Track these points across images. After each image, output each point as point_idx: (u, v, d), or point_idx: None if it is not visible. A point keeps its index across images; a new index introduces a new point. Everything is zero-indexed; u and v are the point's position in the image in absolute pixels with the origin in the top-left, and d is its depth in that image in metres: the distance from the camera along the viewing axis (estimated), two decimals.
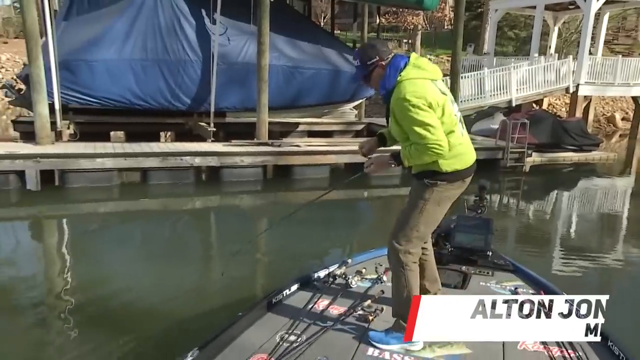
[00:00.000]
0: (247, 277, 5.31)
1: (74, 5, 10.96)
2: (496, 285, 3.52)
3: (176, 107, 10.54)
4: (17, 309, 4.47)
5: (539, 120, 12.86)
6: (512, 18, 23.10)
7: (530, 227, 8.43)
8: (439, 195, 2.65)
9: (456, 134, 2.60)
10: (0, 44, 25.15)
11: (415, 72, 2.55)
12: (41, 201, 7.96)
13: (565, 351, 2.61)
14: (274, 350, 2.55)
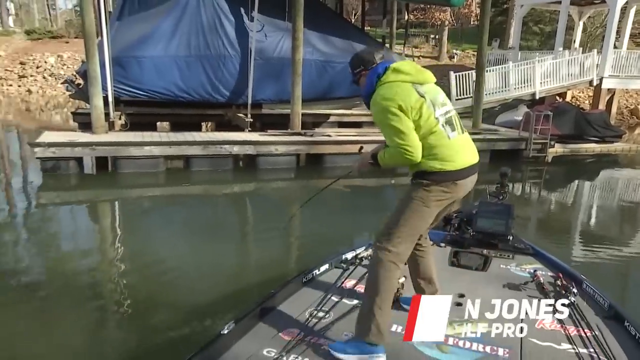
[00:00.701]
0: (281, 257, 5.38)
1: (126, 6, 11.21)
2: (516, 268, 3.46)
3: (216, 99, 10.63)
4: (75, 280, 4.64)
5: (562, 112, 12.58)
6: (537, 13, 22.43)
7: (551, 214, 8.26)
8: (425, 195, 2.45)
9: (438, 134, 2.42)
10: (63, 43, 25.85)
11: (393, 76, 2.46)
12: (96, 185, 8.26)
13: (582, 330, 2.57)
14: (304, 325, 2.58)
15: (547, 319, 2.68)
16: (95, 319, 3.91)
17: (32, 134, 11.67)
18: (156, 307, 4.05)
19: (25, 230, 6.25)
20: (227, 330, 2.41)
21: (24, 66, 24.20)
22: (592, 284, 3.10)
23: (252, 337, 2.50)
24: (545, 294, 3.01)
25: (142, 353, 3.40)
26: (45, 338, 3.58)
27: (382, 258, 2.44)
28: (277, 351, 2.35)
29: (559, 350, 2.43)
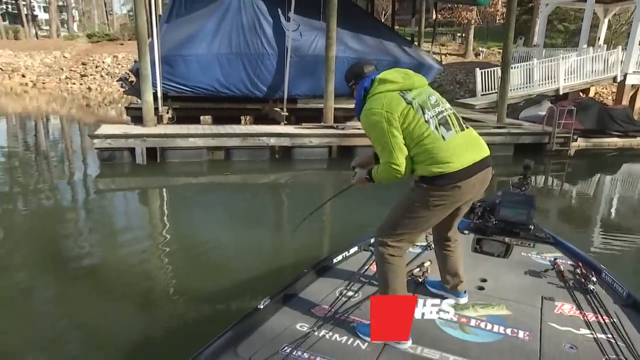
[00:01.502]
0: (313, 240, 5.36)
1: (174, 10, 11.32)
2: (537, 256, 3.37)
3: (255, 94, 10.66)
4: (127, 257, 4.75)
5: (586, 107, 12.15)
6: (562, 12, 21.67)
7: (572, 205, 7.97)
8: (425, 199, 2.29)
9: (431, 138, 2.24)
10: (118, 45, 26.44)
11: (379, 87, 2.33)
12: (146, 173, 8.41)
13: (600, 317, 2.50)
14: (333, 303, 2.58)
15: (567, 305, 2.64)
16: (144, 292, 4.01)
17: (91, 127, 12.04)
18: (199, 284, 4.14)
19: (85, 213, 6.44)
20: (262, 306, 2.43)
21: (85, 66, 24.90)
22: (611, 273, 3.00)
23: (285, 313, 2.51)
24: (565, 281, 2.94)
25: (187, 323, 3.48)
26: (99, 308, 3.68)
27: (384, 252, 2.39)
28: (309, 326, 2.36)
29: (577, 334, 2.36)
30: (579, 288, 2.84)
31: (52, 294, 3.98)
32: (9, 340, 3.32)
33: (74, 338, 3.34)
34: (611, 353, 2.21)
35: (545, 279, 2.98)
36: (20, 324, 3.51)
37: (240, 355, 2.11)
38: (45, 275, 4.29)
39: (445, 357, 2.15)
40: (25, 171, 8.67)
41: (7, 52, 25.76)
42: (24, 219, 5.97)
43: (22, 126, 14.12)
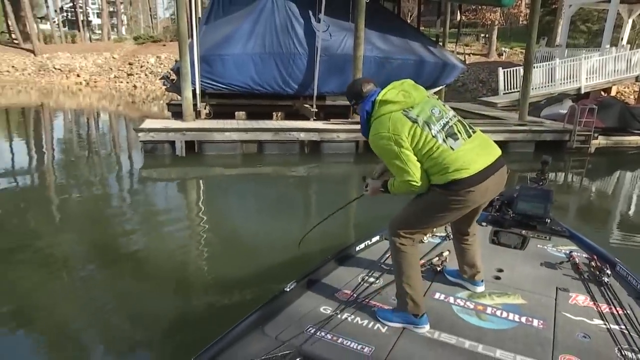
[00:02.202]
0: (338, 229, 5.28)
1: (212, 12, 11.39)
2: (552, 248, 3.27)
3: (286, 91, 10.63)
4: (166, 240, 4.87)
5: (607, 106, 11.64)
6: (585, 12, 20.83)
7: (590, 201, 7.67)
8: (443, 204, 2.21)
9: (440, 151, 2.14)
10: (161, 46, 26.77)
11: (381, 109, 2.21)
12: (185, 164, 8.47)
13: (614, 308, 2.42)
14: (355, 288, 2.56)
15: (581, 296, 2.57)
16: (181, 272, 4.09)
17: (136, 121, 12.26)
18: (230, 266, 4.19)
19: (130, 198, 6.64)
20: (289, 289, 2.42)
21: (131, 66, 25.34)
22: (625, 266, 2.90)
23: (310, 296, 2.50)
24: (579, 273, 2.86)
25: (218, 302, 3.53)
26: (140, 284, 3.81)
27: (396, 241, 2.33)
28: (332, 309, 2.34)
29: (591, 324, 2.29)
30: (593, 280, 2.76)
31: (100, 269, 4.13)
32: (61, 306, 3.47)
33: (117, 310, 3.43)
34: (624, 343, 2.14)
35: (560, 271, 2.90)
36: (72, 293, 3.68)
37: (267, 334, 2.11)
38: (94, 252, 4.47)
39: (462, 342, 2.11)
40: (79, 161, 8.94)
41: (66, 54, 26.44)
42: (77, 203, 6.17)
43: (77, 121, 14.52)
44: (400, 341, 2.12)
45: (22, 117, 14.65)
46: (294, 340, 2.04)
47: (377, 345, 2.06)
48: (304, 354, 1.94)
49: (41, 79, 24.92)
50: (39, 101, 18.04)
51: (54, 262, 4.24)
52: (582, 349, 2.09)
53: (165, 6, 53.19)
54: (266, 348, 1.97)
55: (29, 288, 3.72)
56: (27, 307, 3.45)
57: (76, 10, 40.81)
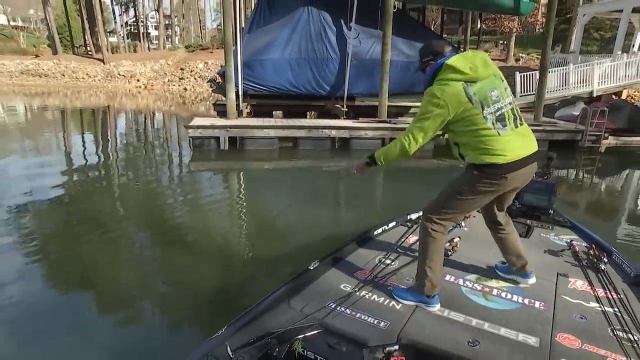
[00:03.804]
0: (362, 216, 5.28)
1: (254, 22, 11.21)
2: (554, 237, 3.18)
3: (319, 93, 10.39)
4: (211, 225, 4.88)
5: (618, 108, 11.07)
6: (598, 21, 19.75)
7: (596, 196, 7.27)
8: (474, 185, 2.10)
9: (487, 132, 2.02)
10: (208, 53, 27.03)
11: (446, 74, 2.04)
12: (229, 158, 8.41)
13: (609, 293, 2.38)
14: (373, 269, 2.52)
15: (579, 281, 2.53)
16: (222, 251, 4.09)
17: (185, 119, 12.29)
18: (263, 247, 4.23)
19: (181, 187, 6.61)
20: (313, 267, 2.42)
21: (183, 71, 25.61)
22: (621, 255, 2.82)
23: (332, 274, 2.47)
24: (579, 260, 2.79)
25: (251, 277, 3.58)
26: (185, 262, 3.79)
27: (428, 226, 2.21)
28: (352, 287, 2.32)
29: (587, 307, 2.26)
30: (591, 267, 2.70)
31: (153, 244, 4.28)
32: (118, 271, 3.64)
33: (166, 280, 3.54)
34: (617, 324, 2.11)
35: (561, 258, 2.84)
36: (129, 261, 3.87)
37: (292, 307, 2.09)
38: (149, 229, 4.63)
39: (469, 320, 2.08)
40: (137, 153, 9.06)
41: (128, 62, 27.04)
42: (135, 190, 6.29)
43: (136, 119, 14.72)
44: (413, 317, 2.10)
45: (93, 116, 15.02)
46: (317, 314, 2.02)
47: (391, 321, 2.04)
48: (325, 326, 1.92)
49: (108, 84, 25.56)
50: (105, 103, 18.53)
51: (115, 237, 4.35)
52: (579, 328, 2.07)
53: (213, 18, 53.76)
54: (292, 319, 1.95)
55: (92, 259, 3.84)
56: (90, 273, 3.59)
57: (138, 24, 41.80)
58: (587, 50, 18.98)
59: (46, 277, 3.50)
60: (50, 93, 21.21)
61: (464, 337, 1.95)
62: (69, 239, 4.30)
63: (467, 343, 1.90)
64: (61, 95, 20.61)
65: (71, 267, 3.67)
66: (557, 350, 1.89)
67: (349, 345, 1.83)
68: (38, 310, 2.98)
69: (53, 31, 28.63)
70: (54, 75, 25.56)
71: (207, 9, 56.57)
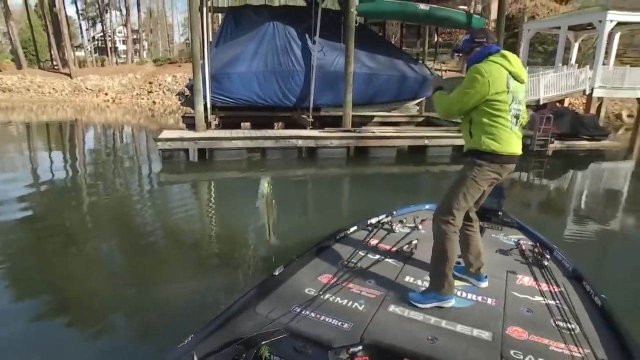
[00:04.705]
0: (328, 221, 5.26)
1: (222, 36, 11.00)
2: (504, 237, 3.29)
3: (286, 104, 10.35)
4: (180, 233, 4.80)
5: (561, 115, 11.64)
6: (541, 36, 20.78)
7: (545, 197, 7.61)
8: (479, 174, 2.23)
9: (504, 121, 2.19)
10: (177, 67, 26.44)
11: (499, 59, 2.20)
12: (198, 169, 8.23)
13: (551, 287, 2.51)
14: (337, 272, 2.53)
15: (526, 278, 2.64)
16: (191, 259, 4.06)
17: (155, 132, 11.94)
18: (231, 254, 4.15)
19: (150, 198, 6.41)
20: (278, 273, 2.40)
21: (151, 85, 24.94)
22: (561, 251, 2.99)
23: (296, 279, 2.47)
24: (525, 258, 2.91)
25: (218, 287, 3.51)
26: (154, 271, 3.76)
27: (447, 230, 2.27)
28: (316, 290, 2.32)
29: (533, 301, 2.37)
30: (536, 264, 2.82)
31: (121, 259, 4.16)
32: (83, 282, 3.56)
33: (133, 291, 3.46)
34: (558, 315, 2.22)
35: (510, 256, 2.94)
36: (96, 273, 3.75)
37: (258, 313, 2.07)
38: (117, 245, 4.48)
39: (428, 319, 2.13)
40: (106, 166, 8.72)
41: (96, 76, 26.11)
42: (105, 203, 6.11)
43: (104, 132, 14.15)
44: (376, 318, 2.10)
45: (60, 130, 14.35)
46: (282, 319, 2.01)
47: (355, 322, 2.04)
48: (291, 330, 1.91)
49: (76, 98, 24.55)
50: (73, 117, 17.76)
51: (83, 251, 4.25)
52: (526, 321, 2.16)
53: (181, 32, 52.87)
54: (258, 325, 1.94)
55: (60, 273, 3.75)
56: (57, 287, 3.49)
57: (105, 38, 40.53)
58: (534, 62, 19.89)
59: (13, 292, 3.38)
60: (15, 108, 20.15)
61: (424, 334, 1.98)
62: (35, 255, 4.10)
63: (427, 340, 1.94)
64: (26, 110, 19.62)
65: (38, 283, 3.54)
66: (507, 343, 1.96)
67: (314, 347, 1.82)
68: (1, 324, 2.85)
69: (17, 45, 27.29)
70: (19, 90, 24.32)
71: (175, 23, 55.71)
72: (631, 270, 4.35)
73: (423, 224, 3.36)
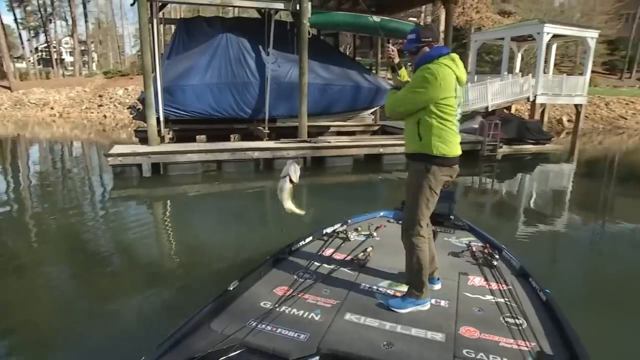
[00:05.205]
0: (278, 234, 5.18)
1: (174, 49, 10.83)
2: (456, 240, 3.39)
3: (241, 116, 10.27)
4: (135, 250, 4.72)
5: (508, 121, 12.33)
6: (488, 46, 21.94)
7: (493, 199, 8.01)
8: (434, 181, 2.30)
9: (452, 124, 2.27)
10: (128, 79, 25.69)
11: (448, 62, 2.23)
12: (152, 184, 7.99)
13: (501, 285, 2.60)
14: (293, 284, 2.52)
15: (477, 278, 2.71)
16: (146, 277, 3.99)
17: (106, 147, 11.51)
18: (187, 270, 4.14)
19: (100, 217, 6.13)
20: (232, 287, 2.37)
21: (102, 98, 24.04)
22: (509, 251, 3.10)
23: (252, 293, 2.45)
24: (476, 259, 3.00)
25: (176, 301, 3.46)
26: (108, 291, 3.65)
27: (418, 242, 2.34)
28: (272, 303, 2.30)
29: (484, 300, 2.45)
30: (486, 264, 2.90)
31: (71, 281, 4.01)
32: (35, 307, 3.43)
33: (85, 313, 3.34)
34: (506, 312, 2.29)
35: (462, 258, 3.02)
36: (47, 298, 3.62)
37: (213, 329, 2.04)
38: (67, 266, 4.30)
39: (383, 325, 2.15)
40: (53, 185, 8.32)
41: (40, 89, 24.84)
42: (53, 222, 5.84)
43: (51, 149, 13.46)
44: (332, 327, 2.11)
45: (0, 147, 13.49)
46: (238, 334, 1.98)
47: (311, 332, 2.04)
48: (247, 345, 1.90)
49: (17, 113, 23.19)
50: (15, 132, 16.76)
51: (30, 274, 4.10)
52: (477, 320, 2.22)
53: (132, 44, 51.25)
54: (213, 342, 1.90)
55: (4, 299, 3.59)
56: (8, 312, 3.37)
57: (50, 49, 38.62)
58: (482, 71, 20.91)
59: None
60: None
61: (380, 340, 2.00)
62: None
63: (383, 346, 1.96)
64: None
65: None
66: (459, 342, 2.01)
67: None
68: None
69: None
70: None
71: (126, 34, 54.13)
72: (573, 263, 4.70)
73: (377, 231, 3.42)
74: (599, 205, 7.73)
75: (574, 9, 27.44)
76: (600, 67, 26.91)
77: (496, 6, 25.68)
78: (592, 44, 15.77)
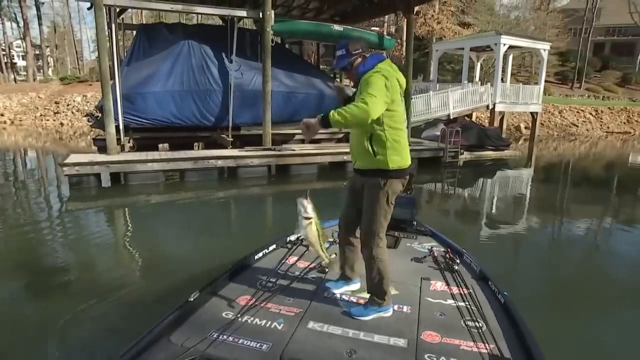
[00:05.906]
0: (241, 242, 5.22)
1: (134, 55, 10.58)
2: (418, 245, 3.45)
3: (204, 124, 10.15)
4: (94, 264, 4.58)
5: (469, 128, 12.81)
6: (449, 56, 22.75)
7: (455, 204, 8.29)
8: (391, 193, 2.31)
9: (403, 133, 2.28)
10: (87, 86, 24.82)
11: (389, 68, 2.24)
12: (111, 195, 7.79)
13: (462, 289, 2.65)
14: (255, 293, 2.49)
15: (439, 283, 2.75)
16: (105, 290, 3.84)
17: (62, 156, 11.07)
18: (147, 282, 4.09)
19: (54, 230, 5.88)
20: (193, 298, 2.33)
21: (58, 105, 23.09)
22: (469, 255, 3.15)
23: (213, 303, 2.41)
24: (438, 264, 3.04)
25: (134, 314, 3.39)
26: (67, 306, 3.49)
27: (378, 253, 2.35)
28: (234, 314, 2.27)
29: (445, 304, 2.48)
30: (447, 268, 2.94)
31: (25, 295, 3.88)
32: None
33: (41, 329, 3.20)
34: (467, 315, 2.34)
35: (424, 264, 3.05)
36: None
37: (173, 342, 2.00)
38: (18, 282, 4.11)
39: (346, 332, 2.15)
40: (6, 196, 7.90)
41: None
42: (4, 235, 5.56)
43: (1, 158, 12.76)
44: (295, 336, 2.10)
45: None
46: (199, 346, 1.95)
47: (274, 342, 2.03)
48: (208, 357, 1.87)
49: None
50: None
51: None
52: (439, 324, 2.25)
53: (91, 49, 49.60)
54: (172, 355, 1.87)
55: None
56: None
57: None
58: (444, 79, 21.63)
59: None
60: None
61: (343, 348, 2.01)
62: None
63: (345, 354, 1.97)
64: None
65: None
66: (421, 347, 2.04)
67: None
68: None
69: None
70: None
71: (85, 39, 52.18)
72: (530, 265, 4.92)
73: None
74: (555, 208, 8.16)
75: (528, 22, 28.95)
76: (553, 77, 28.50)
77: (456, 17, 26.70)
78: (545, 55, 16.69)
